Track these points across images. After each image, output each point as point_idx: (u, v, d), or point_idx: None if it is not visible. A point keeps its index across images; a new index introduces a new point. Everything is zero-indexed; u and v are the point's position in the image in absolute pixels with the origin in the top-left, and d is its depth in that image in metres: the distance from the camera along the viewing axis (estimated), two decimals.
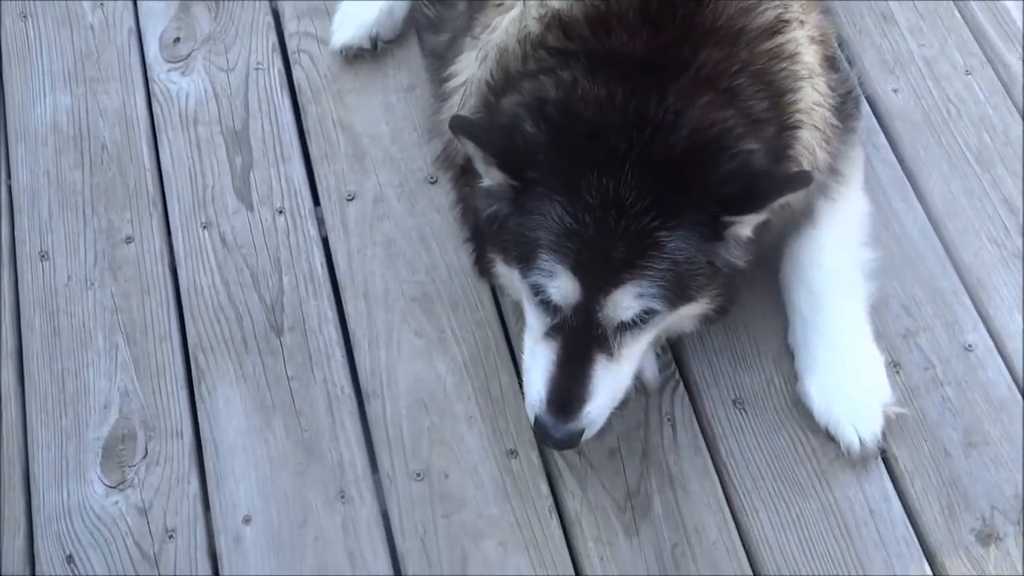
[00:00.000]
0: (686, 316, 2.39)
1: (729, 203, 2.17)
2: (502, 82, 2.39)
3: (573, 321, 2.26)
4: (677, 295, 2.25)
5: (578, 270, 2.21)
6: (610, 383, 2.31)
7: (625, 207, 2.16)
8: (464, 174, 2.48)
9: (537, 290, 2.28)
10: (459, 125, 2.23)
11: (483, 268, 2.52)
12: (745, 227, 2.25)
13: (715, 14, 2.31)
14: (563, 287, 2.23)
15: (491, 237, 2.37)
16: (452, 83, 2.58)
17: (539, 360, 2.33)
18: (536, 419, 2.33)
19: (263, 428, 2.61)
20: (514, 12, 2.46)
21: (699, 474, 2.52)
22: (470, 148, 2.23)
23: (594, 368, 2.28)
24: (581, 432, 2.32)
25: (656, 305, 2.24)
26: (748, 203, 2.18)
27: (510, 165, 2.22)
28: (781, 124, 2.31)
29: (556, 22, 2.34)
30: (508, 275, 2.41)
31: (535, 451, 2.55)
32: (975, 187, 2.88)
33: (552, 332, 2.30)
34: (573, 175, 2.18)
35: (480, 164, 2.26)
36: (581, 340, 2.27)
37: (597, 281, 2.21)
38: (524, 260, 2.28)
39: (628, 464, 2.53)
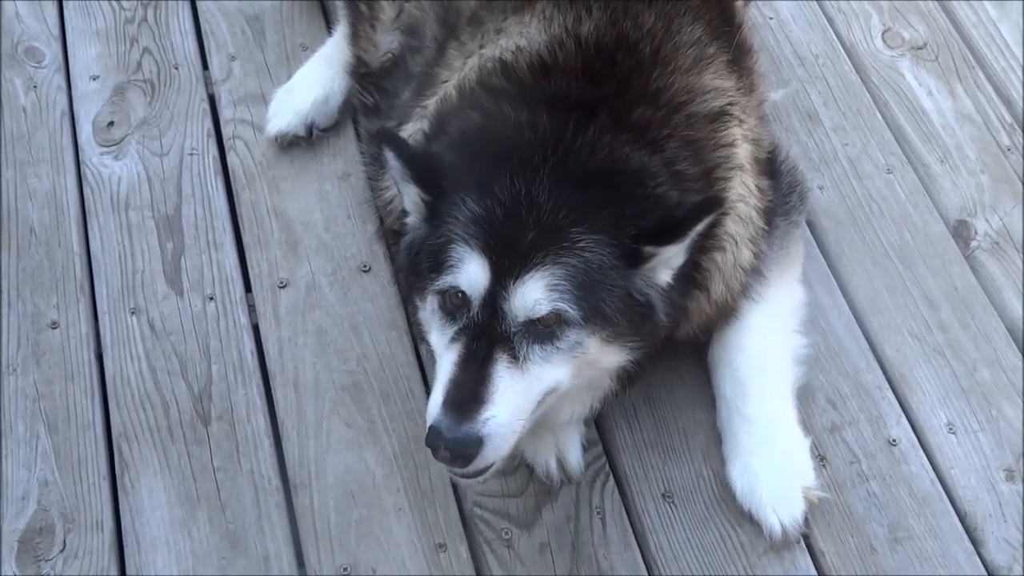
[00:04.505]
0: (604, 364, 2.31)
1: (645, 233, 2.19)
2: (436, 128, 2.44)
3: (479, 317, 2.18)
4: (590, 305, 2.18)
5: (487, 251, 2.16)
6: (514, 391, 2.18)
7: (537, 203, 2.17)
8: (399, 238, 2.48)
9: (445, 294, 2.21)
10: (384, 134, 2.29)
11: (416, 325, 2.47)
12: (663, 266, 2.25)
13: (658, 84, 2.38)
14: (472, 272, 2.17)
15: (412, 271, 2.34)
16: None
17: (440, 369, 2.22)
18: (430, 427, 2.17)
19: (187, 520, 2.55)
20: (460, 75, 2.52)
21: (628, 569, 2.51)
22: (390, 158, 2.26)
23: (496, 367, 2.16)
24: (478, 441, 2.14)
25: (568, 307, 2.16)
26: (665, 233, 2.20)
27: (423, 177, 2.25)
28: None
29: (498, 66, 2.41)
30: (428, 318, 2.31)
31: (464, 544, 2.53)
32: (897, 284, 2.95)
33: (457, 335, 2.20)
34: (485, 178, 2.20)
35: (398, 180, 2.29)
36: (485, 339, 2.17)
37: (506, 264, 2.15)
38: (435, 268, 2.23)
39: (558, 559, 2.51)
